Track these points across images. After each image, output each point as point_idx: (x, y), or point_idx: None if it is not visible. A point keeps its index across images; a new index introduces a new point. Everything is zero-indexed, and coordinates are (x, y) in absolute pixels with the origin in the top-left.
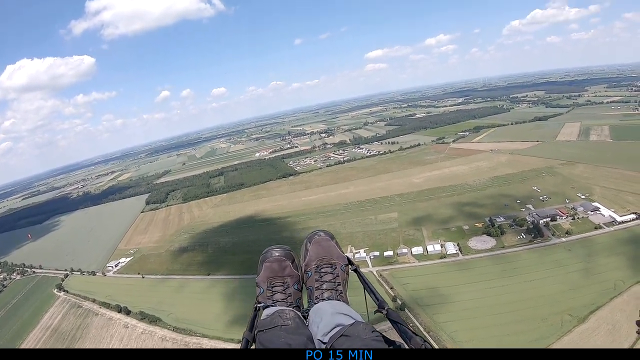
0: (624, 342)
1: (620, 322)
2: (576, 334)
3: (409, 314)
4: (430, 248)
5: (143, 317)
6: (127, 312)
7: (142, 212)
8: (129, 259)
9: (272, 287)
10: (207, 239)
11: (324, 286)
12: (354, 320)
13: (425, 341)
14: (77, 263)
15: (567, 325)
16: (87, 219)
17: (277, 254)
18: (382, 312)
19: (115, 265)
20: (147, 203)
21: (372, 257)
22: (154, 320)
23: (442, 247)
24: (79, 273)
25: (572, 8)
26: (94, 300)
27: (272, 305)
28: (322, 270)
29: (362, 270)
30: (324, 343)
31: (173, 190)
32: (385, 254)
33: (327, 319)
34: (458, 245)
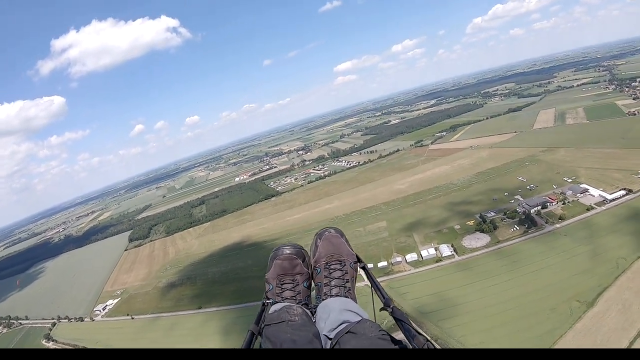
0: (638, 320)
1: (630, 300)
2: (588, 320)
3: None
4: (424, 253)
5: None
6: None
7: (125, 250)
8: (116, 300)
9: (282, 284)
10: (194, 271)
11: (333, 283)
12: (360, 318)
13: (428, 340)
14: (64, 310)
15: (577, 311)
16: (71, 262)
17: (287, 252)
18: (387, 310)
19: (103, 309)
20: (130, 240)
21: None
22: None
23: (436, 250)
24: (67, 320)
25: None
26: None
27: (281, 302)
28: (331, 267)
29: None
30: (330, 339)
31: (155, 225)
32: (380, 265)
33: (334, 315)
34: (452, 246)
